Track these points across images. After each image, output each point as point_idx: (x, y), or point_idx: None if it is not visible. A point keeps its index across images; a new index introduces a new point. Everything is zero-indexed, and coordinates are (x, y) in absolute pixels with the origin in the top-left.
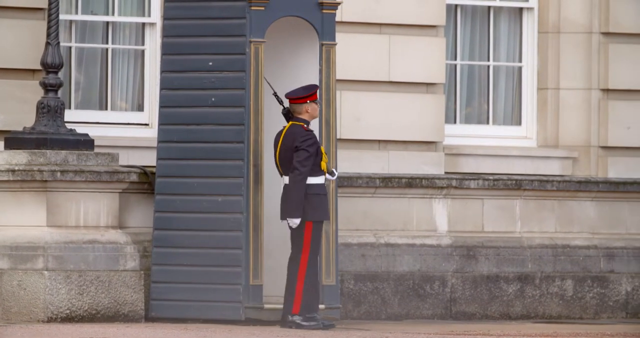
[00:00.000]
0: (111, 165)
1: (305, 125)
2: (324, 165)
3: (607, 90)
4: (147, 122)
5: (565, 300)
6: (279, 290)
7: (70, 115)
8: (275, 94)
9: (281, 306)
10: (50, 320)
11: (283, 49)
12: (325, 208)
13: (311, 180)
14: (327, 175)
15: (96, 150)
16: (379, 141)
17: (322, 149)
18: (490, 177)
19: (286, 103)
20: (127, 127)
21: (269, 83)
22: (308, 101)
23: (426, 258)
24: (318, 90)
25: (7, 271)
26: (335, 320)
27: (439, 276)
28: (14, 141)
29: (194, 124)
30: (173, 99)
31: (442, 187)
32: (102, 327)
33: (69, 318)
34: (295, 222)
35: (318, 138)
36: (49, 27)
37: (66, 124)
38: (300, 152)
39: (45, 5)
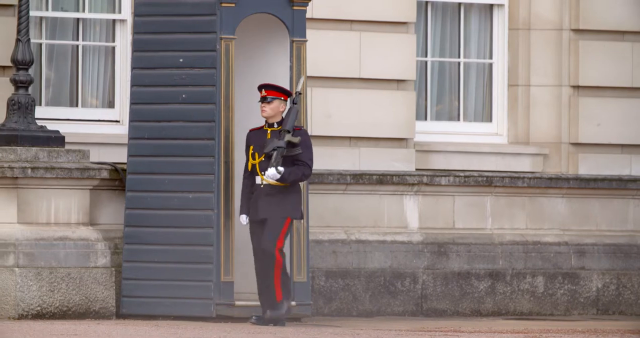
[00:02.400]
0: (82, 162)
1: (261, 126)
2: (249, 165)
3: (577, 87)
4: (117, 119)
5: (536, 297)
6: (250, 287)
7: (40, 112)
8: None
9: (254, 303)
10: (21, 317)
11: (253, 46)
12: (253, 207)
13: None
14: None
15: (67, 147)
16: (350, 138)
17: (251, 148)
18: (461, 174)
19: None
20: (98, 124)
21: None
22: None
23: (397, 255)
24: (264, 89)
25: None
26: (307, 316)
27: (410, 273)
28: None
29: (164, 121)
30: (144, 95)
31: (413, 184)
32: (73, 324)
33: (39, 315)
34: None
35: None
36: (19, 24)
37: (37, 121)
38: None
39: (15, 1)
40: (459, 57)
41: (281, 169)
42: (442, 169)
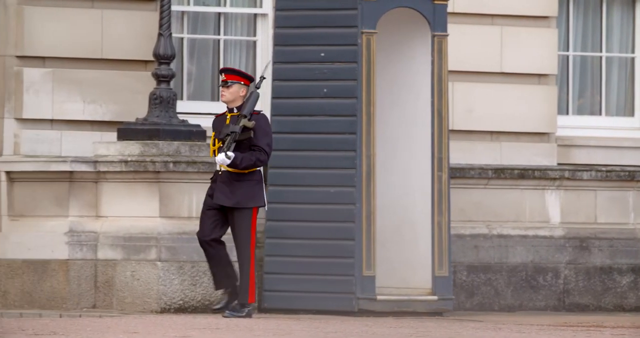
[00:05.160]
0: None
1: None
2: (210, 151)
3: None
4: None
5: None
6: (392, 281)
7: (182, 106)
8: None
9: (395, 297)
10: (163, 310)
11: (393, 41)
12: (209, 193)
13: None
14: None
15: (208, 141)
16: (491, 132)
17: (213, 134)
18: (603, 168)
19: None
20: None
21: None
22: None
23: (539, 250)
24: (224, 73)
25: (120, 262)
26: (448, 311)
27: (552, 267)
28: (127, 132)
29: (306, 115)
30: (285, 90)
31: (554, 178)
32: (215, 318)
33: (181, 309)
34: None
35: (430, 129)
36: (161, 18)
37: (178, 115)
38: None
39: None
40: (600, 51)
41: (231, 154)
42: (583, 163)
